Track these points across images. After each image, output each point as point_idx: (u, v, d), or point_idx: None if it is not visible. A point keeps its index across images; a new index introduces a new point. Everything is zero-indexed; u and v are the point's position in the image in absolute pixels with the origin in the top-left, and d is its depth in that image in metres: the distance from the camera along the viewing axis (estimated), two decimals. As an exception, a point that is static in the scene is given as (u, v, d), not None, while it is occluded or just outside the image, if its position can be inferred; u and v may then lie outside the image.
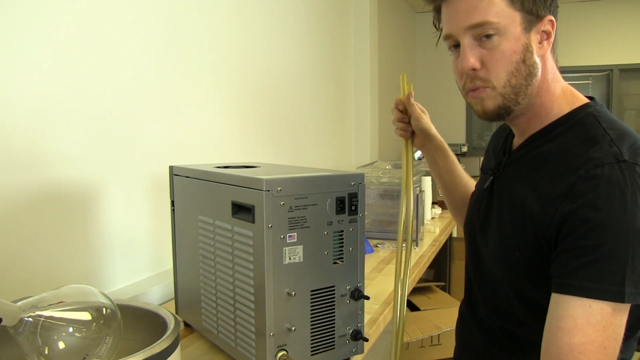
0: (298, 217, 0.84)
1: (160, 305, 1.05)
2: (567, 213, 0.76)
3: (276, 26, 2.07)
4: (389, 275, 1.59)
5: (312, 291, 0.87)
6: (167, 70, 1.44)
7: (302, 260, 0.85)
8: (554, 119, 0.88)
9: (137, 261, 1.35)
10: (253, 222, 0.83)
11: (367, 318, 1.20)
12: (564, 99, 0.88)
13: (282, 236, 0.83)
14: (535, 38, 0.84)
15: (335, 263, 0.89)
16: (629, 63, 4.58)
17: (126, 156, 1.30)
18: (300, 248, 0.85)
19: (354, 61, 2.98)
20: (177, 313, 1.14)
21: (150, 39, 1.37)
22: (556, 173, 0.81)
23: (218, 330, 0.98)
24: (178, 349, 0.76)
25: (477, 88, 0.86)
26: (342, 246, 0.90)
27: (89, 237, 1.20)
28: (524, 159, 0.91)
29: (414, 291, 2.79)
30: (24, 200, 1.04)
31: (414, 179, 2.05)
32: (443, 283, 3.17)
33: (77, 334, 0.72)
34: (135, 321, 0.85)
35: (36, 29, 1.05)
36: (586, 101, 0.88)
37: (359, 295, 0.91)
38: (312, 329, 0.88)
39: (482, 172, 1.07)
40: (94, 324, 0.73)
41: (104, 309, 0.75)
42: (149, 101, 1.37)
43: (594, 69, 4.73)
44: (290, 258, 0.84)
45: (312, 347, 0.88)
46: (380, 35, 3.23)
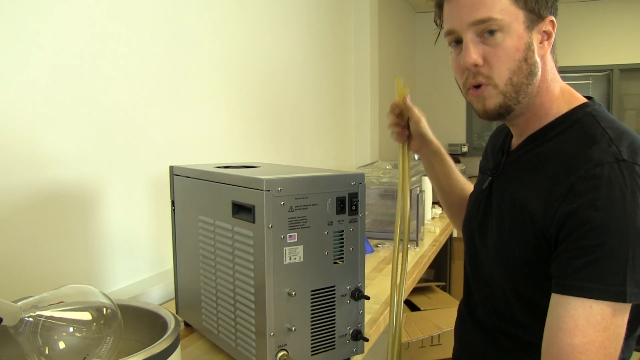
0: (298, 217, 0.84)
1: (160, 305, 1.05)
2: (567, 213, 0.76)
3: (277, 26, 2.07)
4: (389, 275, 1.58)
5: (313, 291, 0.87)
6: (168, 70, 1.44)
7: (303, 260, 0.85)
8: (553, 119, 0.88)
9: (138, 261, 1.35)
10: (253, 222, 0.83)
11: (368, 318, 1.20)
12: (563, 99, 0.88)
13: (283, 236, 0.83)
14: (536, 37, 0.84)
15: (335, 263, 0.89)
16: (629, 63, 4.57)
17: (126, 156, 1.30)
18: (300, 248, 0.85)
19: (355, 61, 2.98)
20: (178, 313, 1.14)
21: (150, 39, 1.37)
22: (556, 173, 0.81)
23: (218, 330, 0.98)
24: (178, 349, 0.76)
25: (480, 86, 0.85)
26: (343, 246, 0.90)
27: (89, 237, 1.20)
28: (523, 159, 0.91)
29: (414, 291, 2.79)
30: (25, 200, 1.04)
31: (414, 179, 2.06)
32: (443, 283, 3.17)
33: (78, 334, 0.72)
34: (135, 321, 0.85)
35: (36, 29, 1.05)
36: (584, 101, 0.88)
37: (359, 295, 0.91)
38: (313, 329, 0.88)
39: (481, 173, 1.06)
40: (95, 324, 0.73)
41: (105, 309, 0.75)
42: (149, 101, 1.37)
43: (594, 69, 4.73)
44: (290, 258, 0.84)
45: (313, 347, 0.88)
46: (380, 35, 3.23)
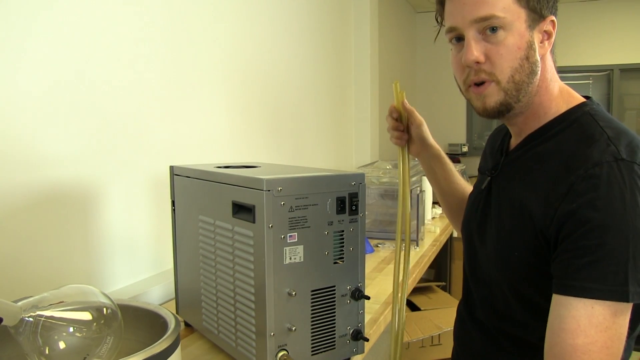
0: (298, 217, 0.84)
1: (160, 305, 1.05)
2: (567, 213, 0.76)
3: (277, 26, 2.07)
4: (390, 275, 1.59)
5: (313, 291, 0.87)
6: (168, 70, 1.44)
7: (303, 260, 0.85)
8: (551, 118, 0.88)
9: (138, 261, 1.35)
10: (253, 222, 0.83)
11: (368, 318, 1.20)
12: (562, 99, 0.88)
13: (283, 236, 0.83)
14: (537, 37, 0.84)
15: (335, 263, 0.89)
16: (630, 63, 4.57)
17: (126, 156, 1.30)
18: (300, 248, 0.85)
19: (355, 61, 2.98)
20: (178, 313, 1.14)
21: (151, 39, 1.37)
22: (555, 173, 0.81)
23: (218, 330, 0.98)
24: (178, 349, 0.76)
25: (482, 83, 0.85)
26: (343, 246, 0.90)
27: (90, 237, 1.20)
28: (522, 159, 0.91)
29: (415, 291, 2.79)
30: (25, 200, 1.04)
31: (414, 179, 2.06)
32: (443, 283, 3.17)
33: (78, 334, 0.72)
34: (135, 321, 0.85)
35: (36, 29, 1.05)
36: (583, 100, 0.88)
37: (360, 295, 0.91)
38: (313, 329, 0.88)
39: (480, 173, 1.06)
40: (95, 324, 0.73)
41: (105, 309, 0.75)
42: (150, 101, 1.37)
43: (595, 69, 4.73)
44: (290, 258, 0.84)
45: (313, 347, 0.88)
46: (380, 35, 3.23)
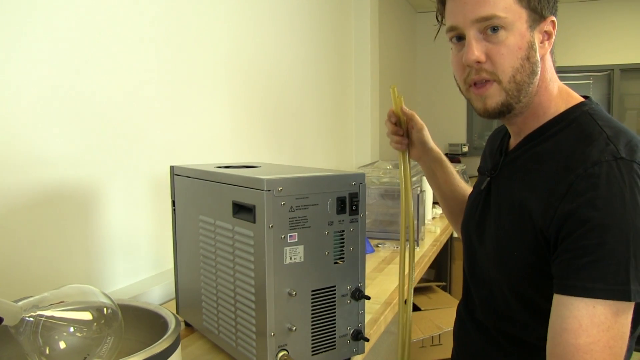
0: (299, 217, 0.84)
1: (161, 305, 1.05)
2: (567, 213, 0.76)
3: (278, 26, 2.07)
4: (390, 275, 1.59)
5: (313, 291, 0.87)
6: (168, 69, 1.44)
7: (303, 260, 0.85)
8: (550, 118, 0.88)
9: (138, 261, 1.35)
10: (254, 222, 0.83)
11: (368, 318, 1.20)
12: (561, 99, 0.88)
13: (283, 236, 0.83)
14: (538, 37, 0.84)
15: (336, 263, 0.89)
16: (630, 63, 4.58)
17: (127, 156, 1.30)
18: (301, 248, 0.85)
19: (355, 61, 2.98)
20: (178, 313, 1.14)
21: (151, 39, 1.37)
22: (554, 172, 0.80)
23: (219, 330, 0.98)
24: (179, 349, 0.76)
25: (484, 83, 0.85)
26: (343, 246, 0.90)
27: (90, 237, 1.20)
28: (521, 159, 0.91)
29: (415, 291, 2.77)
30: (25, 200, 1.04)
31: (415, 179, 2.06)
32: (444, 283, 3.17)
33: (78, 334, 0.72)
34: (136, 321, 0.85)
35: (36, 28, 1.05)
36: (582, 100, 0.89)
37: (360, 295, 0.91)
38: (313, 329, 0.88)
39: (480, 174, 1.06)
40: (95, 324, 0.73)
41: (105, 309, 0.75)
42: (150, 100, 1.37)
43: (595, 69, 4.73)
44: (291, 258, 0.84)
45: (313, 347, 0.88)
46: (381, 35, 3.23)
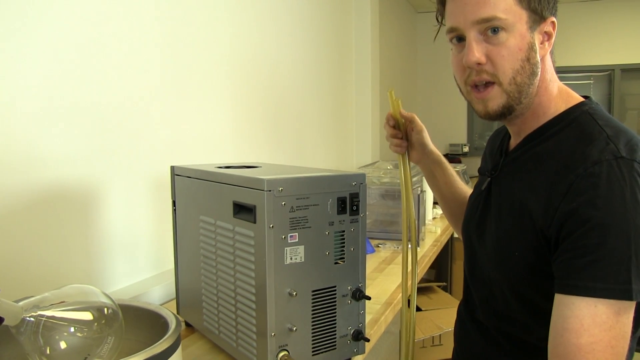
0: (299, 217, 0.84)
1: (161, 305, 1.05)
2: (567, 212, 0.76)
3: (278, 26, 2.07)
4: (390, 275, 1.59)
5: (314, 291, 0.87)
6: (168, 69, 1.44)
7: (304, 260, 0.85)
8: (550, 118, 0.88)
9: (139, 261, 1.35)
10: (254, 222, 0.83)
11: (369, 318, 1.20)
12: (561, 99, 0.88)
13: (284, 236, 0.83)
14: (538, 38, 0.84)
15: (336, 263, 0.89)
16: (631, 63, 4.57)
17: (127, 156, 1.30)
18: (301, 248, 0.85)
19: (355, 61, 2.98)
20: (179, 313, 1.14)
21: (152, 38, 1.37)
22: (554, 172, 0.80)
23: (219, 330, 0.98)
24: (179, 349, 0.76)
25: (485, 86, 0.85)
26: (344, 246, 0.90)
27: (90, 237, 1.20)
28: (522, 159, 0.91)
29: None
30: (25, 200, 1.04)
31: (415, 179, 2.06)
32: (444, 283, 3.17)
33: (79, 334, 0.72)
34: (136, 321, 0.85)
35: (36, 29, 1.06)
36: (582, 100, 0.89)
37: (360, 295, 0.91)
38: (314, 329, 0.88)
39: (480, 174, 1.06)
40: (96, 324, 0.73)
41: (106, 309, 0.75)
42: (150, 101, 1.37)
43: (596, 69, 4.73)
44: (291, 258, 0.84)
45: (314, 348, 0.88)
46: (381, 35, 3.23)
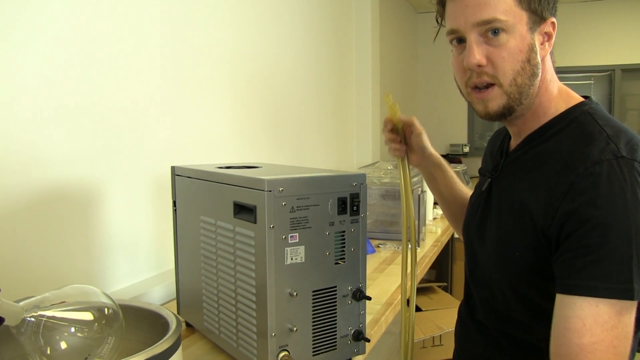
0: (300, 218, 0.84)
1: (162, 305, 1.05)
2: (568, 212, 0.76)
3: (279, 27, 2.07)
4: (391, 275, 1.59)
5: (314, 291, 0.87)
6: (169, 69, 1.44)
7: (304, 260, 0.85)
8: (551, 118, 0.88)
9: (139, 261, 1.35)
10: (255, 223, 0.83)
11: (369, 319, 1.20)
12: (561, 99, 0.89)
13: (284, 236, 0.83)
14: (538, 39, 0.84)
15: (337, 263, 0.89)
16: (631, 63, 4.57)
17: (128, 156, 1.30)
18: (302, 248, 0.85)
19: (356, 61, 2.98)
20: (179, 313, 1.14)
21: (152, 39, 1.37)
22: (555, 172, 0.80)
23: (220, 330, 0.98)
24: (180, 350, 0.76)
25: (485, 87, 0.85)
26: (344, 246, 0.90)
27: (91, 238, 1.20)
28: (522, 159, 0.91)
29: (416, 291, 2.78)
30: (26, 201, 1.04)
31: (416, 180, 2.06)
32: (445, 283, 3.17)
33: (79, 334, 0.72)
34: (137, 321, 0.85)
35: (36, 29, 1.06)
36: (582, 100, 0.89)
37: (361, 295, 0.91)
38: (314, 330, 0.88)
39: (480, 175, 1.06)
40: (96, 324, 0.73)
41: (106, 309, 0.75)
42: (151, 101, 1.37)
43: (596, 69, 4.72)
44: (292, 258, 0.84)
45: (314, 348, 0.88)
46: (381, 35, 3.23)
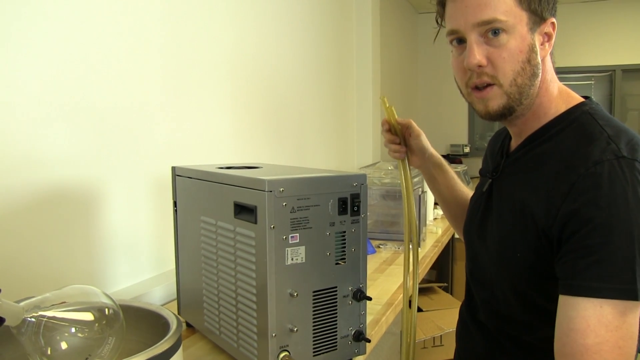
0: (300, 218, 0.84)
1: (162, 305, 1.05)
2: (570, 212, 0.75)
3: (279, 27, 2.07)
4: (391, 276, 1.59)
5: (315, 292, 0.87)
6: (169, 69, 1.44)
7: (305, 261, 0.85)
8: (551, 119, 0.88)
9: (140, 262, 1.35)
10: (255, 223, 0.83)
11: (370, 319, 1.20)
12: (561, 99, 0.88)
13: (285, 237, 0.83)
14: (538, 39, 0.84)
15: (337, 264, 0.89)
16: (632, 63, 4.57)
17: (128, 157, 1.30)
18: (302, 249, 0.85)
19: (356, 62, 2.98)
20: (180, 314, 1.14)
21: (152, 38, 1.37)
22: (556, 172, 0.80)
23: (220, 330, 0.98)
24: (180, 350, 0.76)
25: (485, 87, 0.85)
26: (345, 247, 0.90)
27: (92, 238, 1.20)
28: (523, 160, 0.91)
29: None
30: (26, 201, 1.04)
31: (416, 180, 2.06)
32: (445, 284, 3.17)
33: (80, 335, 0.72)
34: (137, 322, 0.85)
35: (36, 29, 1.06)
36: (582, 100, 0.88)
37: (361, 296, 0.91)
38: (315, 330, 0.88)
39: (481, 176, 1.06)
40: (97, 325, 0.73)
41: (107, 310, 0.75)
42: (151, 101, 1.37)
43: (597, 70, 4.72)
44: (292, 259, 0.84)
45: (314, 348, 0.88)
46: (382, 35, 3.23)
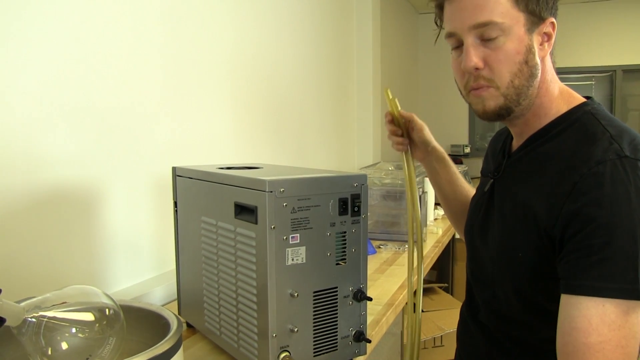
0: (301, 218, 0.84)
1: (163, 306, 1.05)
2: (572, 212, 0.75)
3: (280, 27, 2.08)
4: (392, 276, 1.59)
5: (315, 292, 0.87)
6: (170, 70, 1.44)
7: (305, 261, 0.85)
8: (552, 119, 0.87)
9: (140, 262, 1.35)
10: (256, 223, 0.83)
11: (370, 319, 1.20)
12: (562, 99, 0.88)
13: (285, 237, 0.83)
14: (537, 40, 0.84)
15: (337, 264, 0.89)
16: (633, 64, 4.56)
17: (129, 157, 1.30)
18: (302, 249, 0.85)
19: (357, 62, 2.98)
20: (180, 314, 1.14)
21: (153, 39, 1.37)
22: (558, 172, 0.80)
23: (221, 331, 0.98)
24: (181, 350, 0.76)
25: (481, 87, 0.85)
26: (345, 247, 0.90)
27: (92, 238, 1.20)
28: (524, 160, 0.91)
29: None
30: (27, 201, 1.04)
31: (417, 180, 2.06)
32: (446, 284, 3.17)
33: (80, 335, 0.72)
34: (138, 322, 0.85)
35: (36, 29, 1.06)
36: (583, 100, 0.88)
37: (362, 296, 0.91)
38: (315, 330, 0.88)
39: (482, 176, 1.06)
40: (97, 325, 0.74)
41: (107, 310, 0.75)
42: (152, 101, 1.38)
43: (597, 70, 4.72)
44: (293, 259, 0.84)
45: (315, 348, 0.88)
46: (382, 36, 3.23)
